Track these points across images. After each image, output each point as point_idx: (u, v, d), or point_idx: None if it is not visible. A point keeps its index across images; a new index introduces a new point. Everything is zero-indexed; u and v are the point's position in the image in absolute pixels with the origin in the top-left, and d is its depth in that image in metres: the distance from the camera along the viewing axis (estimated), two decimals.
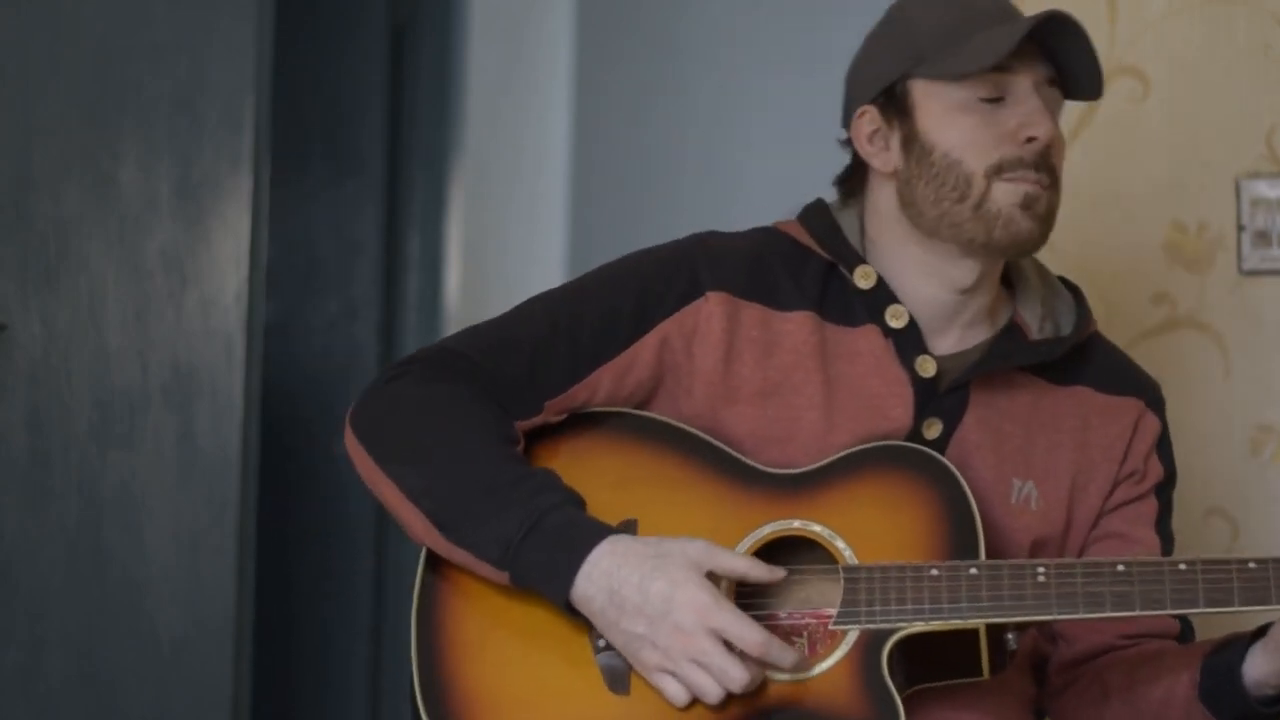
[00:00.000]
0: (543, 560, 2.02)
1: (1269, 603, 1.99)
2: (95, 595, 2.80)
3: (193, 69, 3.02)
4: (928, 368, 2.19)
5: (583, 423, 2.18)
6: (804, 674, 2.01)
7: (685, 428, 2.16)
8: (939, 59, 2.17)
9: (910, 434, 2.16)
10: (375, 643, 4.19)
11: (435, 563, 2.11)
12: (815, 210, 2.27)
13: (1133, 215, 2.82)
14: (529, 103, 4.77)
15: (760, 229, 2.27)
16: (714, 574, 2.02)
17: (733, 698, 1.99)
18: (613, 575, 2.00)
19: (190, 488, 3.00)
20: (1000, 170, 2.15)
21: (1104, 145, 2.79)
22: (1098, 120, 2.77)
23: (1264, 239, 2.76)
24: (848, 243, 2.23)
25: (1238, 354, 2.77)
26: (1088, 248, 2.76)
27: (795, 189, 2.36)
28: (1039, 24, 2.13)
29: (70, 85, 2.75)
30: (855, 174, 2.26)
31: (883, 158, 2.21)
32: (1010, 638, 2.04)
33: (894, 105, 2.20)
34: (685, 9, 4.62)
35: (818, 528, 2.07)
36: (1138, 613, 2.01)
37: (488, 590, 2.08)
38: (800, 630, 2.07)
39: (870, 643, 2.01)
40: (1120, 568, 2.02)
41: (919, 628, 2.01)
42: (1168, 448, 2.28)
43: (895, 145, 2.20)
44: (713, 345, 2.18)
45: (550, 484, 2.06)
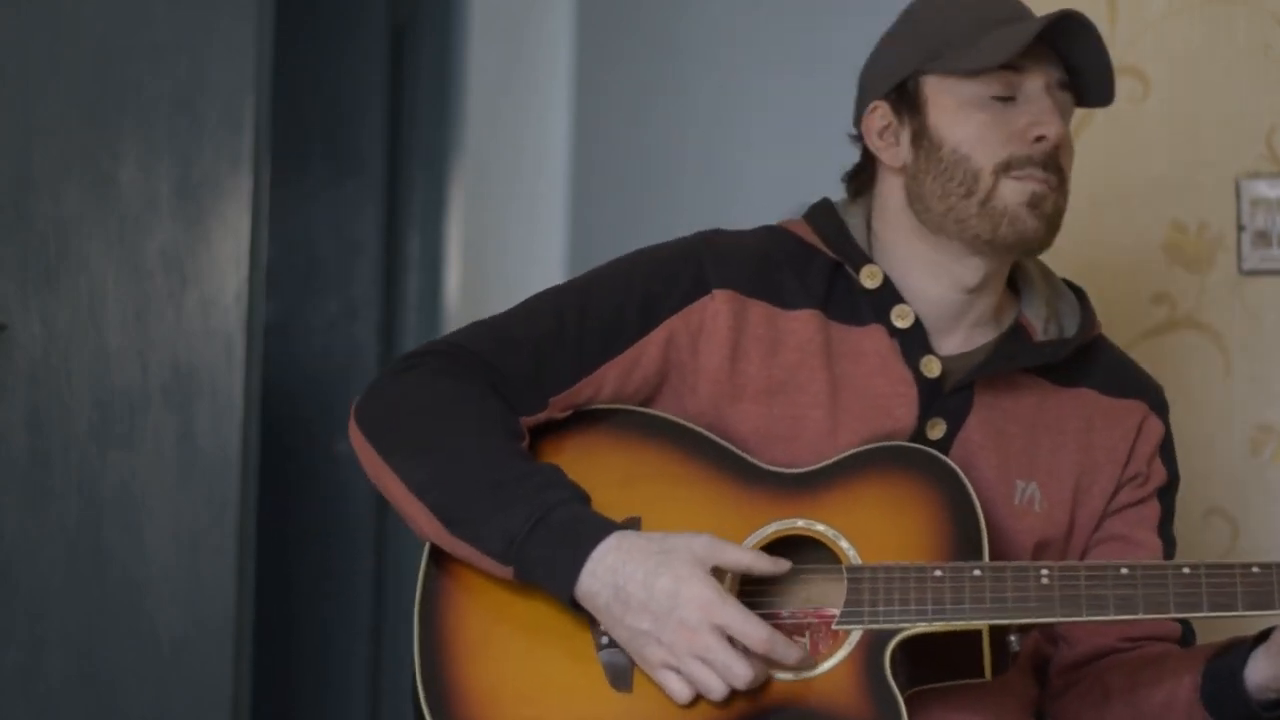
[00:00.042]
0: (547, 556, 2.02)
1: (1272, 607, 1.99)
2: (95, 595, 2.80)
3: (193, 69, 3.01)
4: (933, 368, 2.19)
5: (587, 420, 2.18)
6: (806, 673, 2.01)
7: (690, 425, 2.16)
8: (952, 55, 2.17)
9: (914, 434, 2.16)
10: (375, 643, 4.18)
11: (438, 558, 2.11)
12: (821, 209, 2.27)
13: (1133, 215, 2.82)
14: (529, 103, 4.76)
15: (766, 228, 2.27)
16: (719, 569, 2.02)
17: (735, 695, 1.99)
18: (618, 571, 2.00)
19: (190, 488, 3.00)
20: (1008, 168, 2.15)
21: (1104, 145, 2.79)
22: (1098, 120, 2.77)
23: (1264, 239, 2.76)
24: (854, 242, 2.23)
25: (1238, 354, 2.76)
26: (1088, 247, 2.76)
27: (795, 189, 2.36)
28: (1053, 23, 2.13)
29: (70, 85, 2.75)
30: (864, 170, 2.26)
31: (892, 152, 2.21)
32: (1013, 639, 2.04)
33: (906, 101, 2.20)
34: (685, 9, 4.62)
35: (822, 527, 2.07)
36: (1141, 616, 2.01)
37: (491, 586, 2.08)
38: (803, 629, 2.07)
39: (873, 643, 2.01)
40: (1124, 571, 2.01)
41: (922, 628, 2.01)
42: (1171, 451, 2.28)
43: (905, 140, 2.20)
44: (719, 343, 2.18)
45: (556, 480, 2.06)
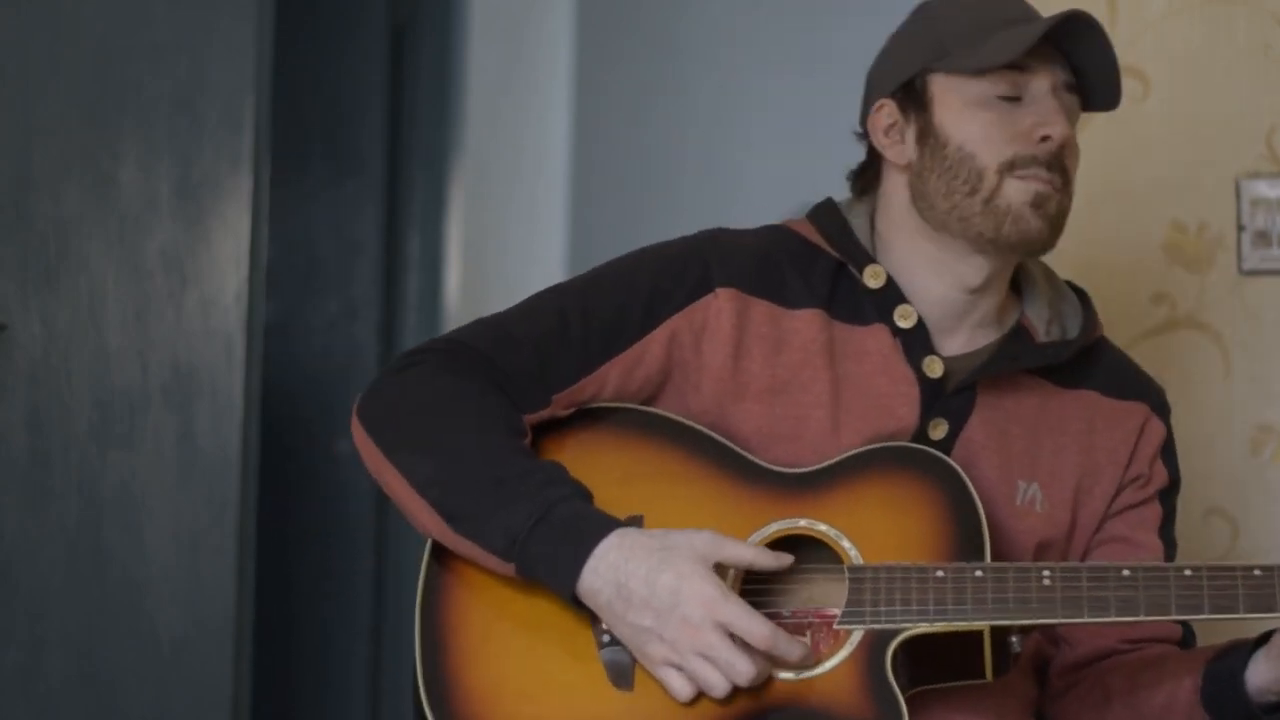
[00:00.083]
0: (549, 552, 2.01)
1: (1273, 610, 1.99)
2: (95, 595, 2.80)
3: (193, 69, 3.01)
4: (935, 368, 2.19)
5: (589, 418, 2.17)
6: (808, 672, 2.01)
7: (692, 424, 2.16)
8: (959, 54, 2.17)
9: (916, 434, 2.16)
10: (375, 643, 4.19)
11: (440, 555, 2.11)
12: (825, 209, 2.27)
13: (1133, 215, 2.81)
14: (529, 103, 4.77)
15: (769, 227, 2.27)
16: (721, 565, 2.02)
17: (737, 693, 1.99)
18: (620, 568, 2.00)
19: (190, 488, 3.00)
20: (1013, 167, 2.15)
21: (1104, 145, 2.79)
22: (1098, 120, 2.76)
23: (1264, 239, 2.76)
24: (858, 242, 2.23)
25: (1238, 354, 2.76)
26: (1088, 247, 2.75)
27: (795, 189, 2.36)
28: (1060, 23, 2.13)
29: (70, 85, 2.75)
30: (869, 169, 2.26)
31: (897, 150, 2.21)
32: (1014, 640, 2.04)
33: (912, 99, 2.20)
34: (685, 9, 4.62)
35: (824, 527, 2.07)
36: (1143, 618, 2.01)
37: (492, 583, 2.08)
38: (804, 629, 2.07)
39: (874, 643, 2.01)
40: (1125, 573, 2.01)
41: (923, 629, 2.01)
42: (1172, 453, 2.28)
43: (911, 138, 2.20)
44: (722, 341, 2.18)
45: (558, 477, 2.06)
